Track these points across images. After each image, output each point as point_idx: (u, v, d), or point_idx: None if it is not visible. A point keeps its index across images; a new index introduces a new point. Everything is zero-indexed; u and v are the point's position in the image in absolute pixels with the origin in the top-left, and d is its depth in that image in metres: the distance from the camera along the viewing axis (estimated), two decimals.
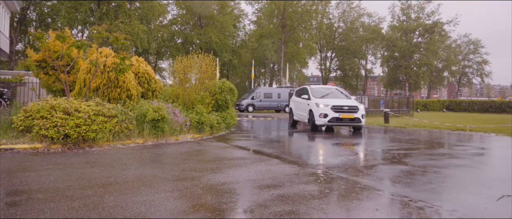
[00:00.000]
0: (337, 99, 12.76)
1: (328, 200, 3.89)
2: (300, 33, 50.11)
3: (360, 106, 12.37)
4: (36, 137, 6.88)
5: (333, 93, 13.82)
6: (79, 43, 8.72)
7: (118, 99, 9.34)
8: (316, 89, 14.05)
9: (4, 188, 4.14)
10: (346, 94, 14.03)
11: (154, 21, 40.37)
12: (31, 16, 38.27)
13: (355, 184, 4.65)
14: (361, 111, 12.23)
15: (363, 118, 12.26)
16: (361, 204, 3.76)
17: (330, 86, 15.07)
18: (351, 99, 12.96)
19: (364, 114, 12.35)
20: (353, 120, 12.06)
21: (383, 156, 7.45)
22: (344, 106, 12.12)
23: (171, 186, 4.29)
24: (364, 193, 4.21)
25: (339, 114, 11.95)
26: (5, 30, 21.89)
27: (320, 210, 3.49)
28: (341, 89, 14.45)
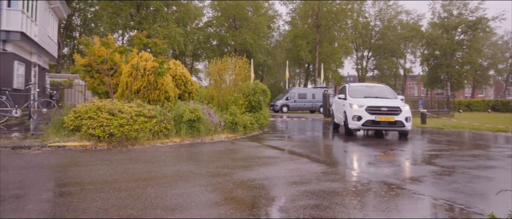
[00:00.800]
0: (376, 99, 11.22)
1: (350, 196, 4.09)
2: (335, 33, 49.64)
3: (403, 107, 10.64)
4: (84, 136, 7.52)
5: (375, 92, 12.12)
6: (122, 49, 9.37)
7: (157, 100, 9.92)
8: (355, 88, 12.49)
9: (60, 180, 4.69)
10: (391, 93, 12.07)
11: (190, 24, 41.50)
12: (76, 21, 40.55)
13: (379, 183, 4.80)
14: (404, 112, 10.52)
15: (409, 121, 10.53)
16: (382, 201, 3.93)
17: (373, 84, 13.26)
18: (395, 100, 11.31)
19: (409, 117, 10.58)
20: (394, 123, 10.41)
21: (412, 157, 7.46)
22: (381, 107, 10.50)
23: (205, 181, 4.66)
24: (387, 191, 4.36)
25: (375, 116, 10.41)
26: (54, 36, 23.51)
27: (342, 204, 3.71)
28: (387, 87, 12.63)
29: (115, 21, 34.72)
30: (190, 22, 41.00)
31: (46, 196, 3.97)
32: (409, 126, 10.65)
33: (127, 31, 39.26)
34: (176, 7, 39.66)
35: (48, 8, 20.84)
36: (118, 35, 39.96)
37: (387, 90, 12.40)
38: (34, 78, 19.11)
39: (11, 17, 14.83)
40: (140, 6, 36.35)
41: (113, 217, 3.18)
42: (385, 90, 12.37)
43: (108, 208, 3.44)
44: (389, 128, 10.76)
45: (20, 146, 6.88)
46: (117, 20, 34.94)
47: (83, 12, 39.61)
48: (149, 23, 35.50)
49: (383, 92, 12.14)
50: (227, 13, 45.14)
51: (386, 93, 12.02)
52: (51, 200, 3.80)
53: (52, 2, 20.88)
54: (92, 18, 39.29)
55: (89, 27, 40.14)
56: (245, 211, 3.47)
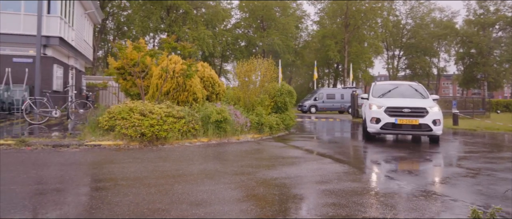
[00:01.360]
0: (401, 99, 9.98)
1: (369, 195, 4.19)
2: (364, 32, 48.87)
3: (431, 108, 9.25)
4: (118, 135, 7.95)
5: (402, 91, 10.85)
6: (152, 52, 9.80)
7: (186, 102, 10.29)
8: (381, 87, 11.30)
9: (96, 176, 5.05)
10: (423, 92, 10.61)
11: (219, 26, 42.15)
12: (109, 25, 42.16)
13: (399, 183, 4.85)
14: (432, 114, 9.10)
15: (438, 125, 9.11)
16: (398, 201, 4.00)
17: (402, 82, 11.76)
18: (425, 99, 9.95)
19: (438, 119, 9.14)
20: (418, 127, 9.06)
21: (435, 157, 7.38)
22: (404, 108, 9.19)
23: (229, 179, 4.88)
24: (407, 192, 4.42)
25: (395, 118, 9.16)
26: (89, 40, 24.62)
27: (360, 204, 3.81)
28: (418, 85, 11.08)
29: (146, 25, 35.84)
30: (218, 24, 41.65)
31: (83, 190, 4.32)
32: (439, 129, 9.15)
33: (158, 33, 40.44)
34: (204, 9, 40.42)
35: (84, 13, 21.88)
36: (149, 37, 41.22)
37: (418, 88, 10.88)
38: (71, 81, 20.13)
39: (50, 23, 15.74)
40: (170, 10, 37.33)
41: (143, 210, 3.45)
42: (414, 89, 10.87)
43: (139, 202, 3.73)
44: (413, 132, 9.27)
45: (60, 144, 7.38)
46: (148, 23, 36.05)
47: (116, 16, 41.14)
48: (179, 25, 36.40)
49: (411, 91, 10.76)
50: (255, 14, 45.50)
51: (415, 92, 10.59)
52: (88, 194, 4.14)
53: (87, 8, 21.90)
54: (124, 22, 40.72)
55: (122, 31, 41.64)
56: (265, 207, 3.65)
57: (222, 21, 42.59)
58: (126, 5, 39.88)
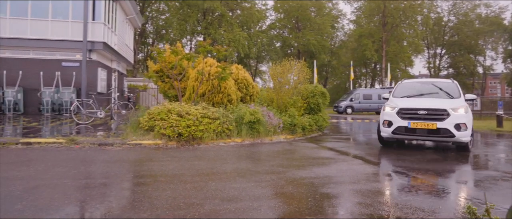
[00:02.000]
0: (421, 99, 8.74)
1: (394, 196, 4.26)
2: (403, 30, 47.48)
3: (455, 110, 7.83)
4: (157, 135, 8.43)
5: (429, 90, 9.41)
6: (189, 56, 10.24)
7: (221, 103, 10.65)
8: (405, 85, 9.90)
9: (137, 173, 5.46)
10: (454, 91, 8.93)
11: (254, 27, 42.61)
12: (149, 29, 43.81)
13: (427, 184, 4.87)
14: (455, 117, 7.72)
15: (462, 130, 7.70)
16: (423, 201, 4.05)
17: (431, 80, 10.38)
18: (451, 100, 8.46)
19: (463, 123, 7.72)
20: (436, 132, 7.75)
21: (462, 159, 7.22)
22: (418, 110, 7.94)
23: (260, 178, 5.11)
24: (436, 193, 4.45)
25: (408, 121, 7.99)
26: (130, 44, 25.82)
27: (384, 203, 3.92)
28: (450, 83, 9.37)
29: (183, 28, 36.94)
30: (253, 26, 42.12)
31: (126, 185, 4.72)
32: (464, 136, 7.71)
33: (195, 36, 41.56)
34: (240, 11, 41.04)
35: (125, 19, 23.00)
36: (187, 40, 42.43)
37: (449, 86, 9.24)
38: (114, 83, 21.25)
39: (95, 29, 16.75)
40: (206, 12, 38.25)
41: (179, 204, 3.76)
42: (443, 87, 9.28)
43: (176, 196, 4.05)
44: (430, 137, 7.94)
45: (105, 143, 7.95)
46: (185, 26, 37.15)
47: (155, 20, 42.70)
48: (215, 28, 37.21)
49: (436, 90, 9.25)
50: (290, 15, 45.56)
51: (444, 91, 9.04)
52: (130, 188, 4.53)
53: (128, 13, 23.00)
54: (163, 25, 42.16)
55: (160, 34, 43.14)
56: (292, 204, 3.85)
57: (257, 23, 43.02)
58: (164, 9, 41.29)
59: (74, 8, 16.68)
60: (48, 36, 16.45)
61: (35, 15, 16.49)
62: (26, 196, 3.97)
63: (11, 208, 3.59)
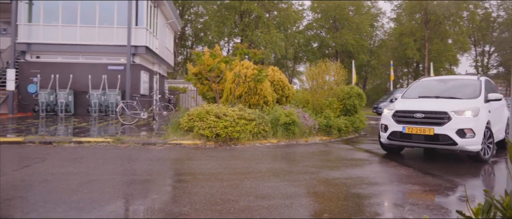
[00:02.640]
0: (427, 100, 7.59)
1: (423, 198, 4.29)
2: (447, 28, 45.52)
3: (458, 114, 6.60)
4: (196, 135, 8.82)
5: (446, 89, 8.11)
6: (226, 59, 10.59)
7: (257, 104, 10.91)
8: (422, 84, 8.79)
9: (177, 170, 5.83)
10: (474, 90, 7.56)
11: (291, 28, 42.64)
12: (188, 32, 45.08)
13: (453, 187, 4.82)
14: (457, 122, 6.52)
15: (467, 137, 6.46)
16: (442, 202, 4.06)
17: (454, 77, 9.20)
18: (462, 101, 7.21)
19: (469, 129, 6.48)
20: (434, 138, 6.65)
21: None
22: (415, 113, 6.93)
23: (293, 177, 5.30)
24: (457, 194, 4.42)
25: (403, 126, 7.01)
26: (170, 47, 26.79)
27: (413, 204, 3.97)
28: (475, 81, 7.92)
29: (221, 30, 37.72)
30: (290, 26, 42.17)
31: (167, 181, 5.08)
32: (470, 143, 6.47)
33: (232, 38, 42.27)
34: (276, 12, 41.24)
35: (165, 23, 23.93)
36: (224, 42, 43.26)
37: (470, 84, 7.87)
38: (156, 85, 22.18)
39: (138, 34, 17.61)
40: (243, 15, 38.81)
41: (216, 200, 4.04)
42: (463, 85, 8.05)
43: (213, 193, 4.34)
44: (427, 144, 6.85)
45: (148, 143, 8.45)
46: (223, 29, 37.92)
47: (194, 23, 43.91)
48: (252, 29, 37.68)
49: (456, 89, 7.97)
50: (327, 15, 45.10)
51: (461, 90, 7.78)
52: (171, 185, 4.88)
53: (169, 18, 23.90)
54: (201, 28, 43.26)
55: (199, 36, 44.28)
56: (322, 203, 4.02)
57: (294, 23, 43.01)
58: (202, 12, 42.36)
59: (119, 15, 17.64)
60: (96, 41, 17.50)
61: (83, 22, 17.61)
62: (81, 189, 4.42)
63: (69, 199, 4.03)
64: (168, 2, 21.41)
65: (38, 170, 5.53)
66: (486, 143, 6.82)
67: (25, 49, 17.20)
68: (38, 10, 17.46)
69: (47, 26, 17.44)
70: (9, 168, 5.63)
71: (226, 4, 38.14)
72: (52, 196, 4.13)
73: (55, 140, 8.40)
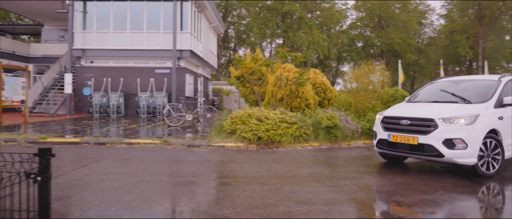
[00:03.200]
0: (425, 105, 6.93)
1: (462, 206, 4.14)
2: (504, 23, 42.63)
3: (447, 121, 5.78)
4: (238, 138, 9.04)
5: (458, 90, 7.08)
6: (267, 62, 10.74)
7: (298, 108, 10.95)
8: (433, 86, 7.85)
9: (221, 173, 6.05)
10: (482, 93, 6.50)
11: (334, 28, 42.02)
12: (231, 33, 45.84)
13: None
14: (445, 130, 5.72)
15: (456, 148, 5.63)
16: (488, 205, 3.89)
17: (464, 78, 7.76)
18: (461, 105, 6.33)
19: (459, 139, 5.62)
20: (419, 148, 5.93)
21: None
22: (401, 119, 6.30)
23: (334, 183, 5.32)
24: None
25: (388, 133, 6.44)
26: (214, 50, 27.44)
27: (451, 209, 3.87)
28: (488, 81, 6.92)
29: (263, 31, 38.01)
30: (333, 26, 41.58)
31: (211, 183, 5.30)
32: (461, 155, 5.61)
33: (274, 39, 42.42)
34: (319, 12, 40.84)
35: (209, 27, 24.56)
36: (267, 43, 43.51)
37: (486, 86, 6.69)
38: (200, 86, 22.84)
39: (183, 39, 18.25)
40: (285, 16, 38.85)
41: (257, 203, 4.18)
42: (477, 87, 6.90)
43: (254, 196, 4.48)
44: (412, 155, 6.23)
45: (193, 145, 8.79)
46: (265, 30, 38.18)
47: (236, 25, 44.60)
48: (294, 30, 37.62)
49: (466, 92, 6.86)
50: (372, 13, 43.90)
51: (470, 93, 6.71)
52: (214, 187, 5.08)
53: (212, 21, 24.51)
54: (244, 30, 43.83)
55: (241, 38, 44.89)
56: (361, 210, 4.02)
57: (337, 23, 42.34)
58: (245, 14, 42.91)
59: (165, 21, 18.39)
60: (144, 46, 18.37)
61: (132, 29, 18.56)
62: (132, 189, 4.74)
63: (122, 198, 4.35)
64: (211, 6, 21.97)
65: (94, 169, 5.98)
66: (490, 156, 5.78)
67: (80, 54, 18.43)
68: (91, 18, 18.64)
69: (100, 33, 18.57)
70: (69, 168, 6.13)
71: (268, 6, 38.38)
72: (107, 196, 4.48)
73: (108, 141, 8.98)
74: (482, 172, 5.72)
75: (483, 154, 5.71)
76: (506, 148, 5.99)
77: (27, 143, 8.92)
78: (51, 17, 22.25)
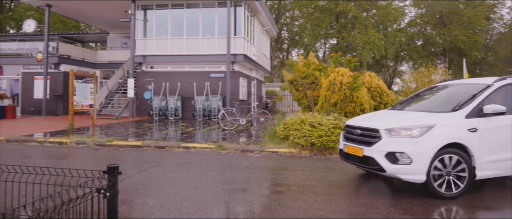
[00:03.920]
0: (390, 114, 6.27)
1: None
2: None
3: (392, 133, 5.18)
4: (291, 144, 9.06)
5: (437, 97, 6.51)
6: (320, 67, 10.62)
7: (353, 113, 10.72)
8: (424, 91, 7.11)
9: (273, 181, 6.11)
10: (463, 99, 5.50)
11: (391, 26, 40.36)
12: (284, 35, 45.86)
13: None
14: (388, 142, 5.13)
15: (399, 162, 4.98)
16: None
17: (465, 81, 6.57)
18: (426, 114, 5.53)
19: (401, 152, 4.97)
20: (364, 160, 5.42)
21: None
22: (355, 129, 5.86)
23: (390, 194, 5.14)
24: None
25: (344, 143, 6.07)
26: (267, 52, 27.63)
27: None
28: (475, 85, 5.85)
29: (316, 32, 37.55)
30: (390, 25, 39.97)
31: (264, 192, 5.38)
32: (406, 171, 4.95)
33: (328, 40, 41.75)
34: (375, 11, 39.47)
35: (262, 30, 24.79)
36: (320, 44, 42.93)
37: (468, 91, 5.70)
38: (253, 89, 23.14)
39: (236, 43, 18.63)
40: (339, 16, 38.06)
41: (309, 215, 4.18)
42: (459, 93, 6.01)
43: (306, 207, 4.48)
44: (362, 167, 5.77)
45: (246, 150, 8.96)
46: (318, 31, 37.70)
47: (289, 27, 44.55)
48: (348, 30, 36.75)
49: (446, 98, 6.19)
50: (433, 10, 41.52)
51: (448, 100, 5.97)
52: (267, 195, 5.15)
53: (265, 25, 24.72)
54: (297, 32, 43.64)
55: (294, 40, 44.75)
56: None
57: (394, 21, 40.63)
58: (298, 16, 42.72)
59: (219, 26, 18.90)
60: (199, 51, 19.04)
61: (189, 35, 19.31)
62: (189, 195, 4.97)
63: (180, 205, 4.58)
64: (264, 10, 22.18)
65: (154, 174, 6.34)
66: (452, 174, 4.93)
67: (142, 60, 19.53)
68: (151, 26, 19.70)
69: (159, 39, 19.56)
70: (132, 171, 6.56)
71: (321, 7, 37.86)
72: (166, 201, 4.74)
73: (167, 145, 9.45)
74: (437, 193, 4.88)
75: (441, 171, 4.91)
76: (481, 166, 5.04)
77: (95, 146, 9.65)
78: (116, 25, 23.88)
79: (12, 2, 39.84)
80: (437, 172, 4.90)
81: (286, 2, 41.56)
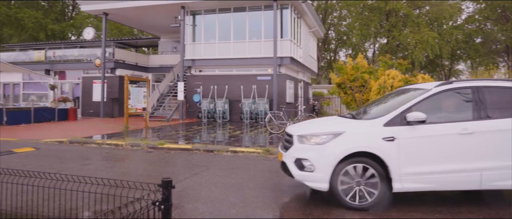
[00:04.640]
0: (329, 121, 5.91)
1: None
2: None
3: (303, 139, 5.09)
4: None
5: (386, 103, 5.85)
6: (370, 70, 10.33)
7: None
8: (393, 95, 6.19)
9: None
10: (390, 106, 5.37)
11: (446, 23, 38.22)
12: (331, 35, 45.07)
13: None
14: (298, 149, 5.08)
15: (305, 169, 4.92)
16: None
17: (410, 87, 6.17)
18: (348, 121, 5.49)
19: (305, 159, 4.93)
20: (282, 165, 5.44)
21: None
22: (286, 135, 5.66)
23: (440, 206, 4.88)
24: None
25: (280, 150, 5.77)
26: (313, 54, 27.35)
27: None
28: (416, 92, 5.35)
29: (365, 32, 36.48)
30: (445, 22, 37.85)
31: (310, 202, 5.33)
32: (310, 179, 4.88)
33: (377, 39, 40.42)
34: (428, 7, 37.58)
35: (308, 32, 24.57)
36: (369, 43, 41.70)
37: (403, 99, 5.28)
38: (300, 91, 23.00)
39: (283, 46, 18.62)
40: (389, 14, 36.72)
41: None
42: (397, 99, 5.64)
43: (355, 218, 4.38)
44: (284, 172, 5.46)
45: None
46: (367, 31, 36.62)
47: (336, 27, 43.72)
48: (399, 29, 35.34)
49: (388, 104, 5.68)
50: (494, 4, 38.70)
51: (386, 106, 5.56)
52: (314, 206, 5.10)
53: (311, 26, 24.48)
54: (344, 32, 42.71)
55: (342, 40, 43.84)
56: None
57: (450, 18, 38.41)
58: (346, 15, 41.79)
59: (266, 29, 19.01)
60: (246, 55, 19.27)
61: (236, 38, 19.63)
62: (237, 203, 5.05)
63: (229, 212, 4.67)
64: (310, 12, 21.99)
65: (204, 178, 6.52)
66: (361, 184, 4.67)
67: (191, 64, 20.16)
68: (199, 31, 20.28)
69: (207, 44, 20.08)
70: (182, 175, 6.79)
71: (370, 6, 36.76)
72: (216, 207, 4.85)
73: (215, 148, 9.67)
74: (345, 203, 4.70)
75: (349, 181, 4.69)
76: (400, 178, 4.61)
77: (148, 148, 10.11)
78: (166, 31, 24.86)
79: (74, 11, 42.92)
80: (345, 180, 4.72)
81: (333, 2, 40.83)
